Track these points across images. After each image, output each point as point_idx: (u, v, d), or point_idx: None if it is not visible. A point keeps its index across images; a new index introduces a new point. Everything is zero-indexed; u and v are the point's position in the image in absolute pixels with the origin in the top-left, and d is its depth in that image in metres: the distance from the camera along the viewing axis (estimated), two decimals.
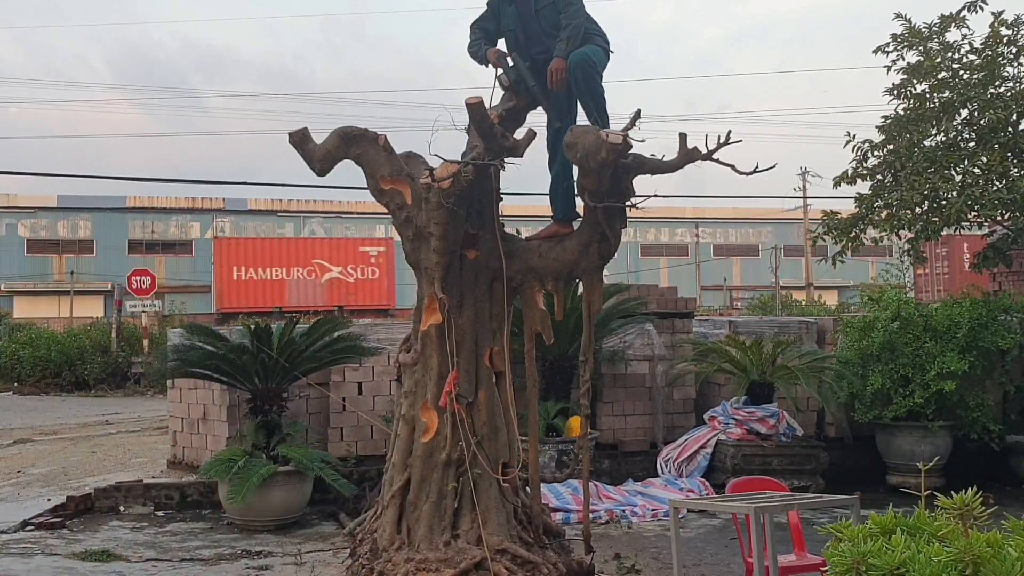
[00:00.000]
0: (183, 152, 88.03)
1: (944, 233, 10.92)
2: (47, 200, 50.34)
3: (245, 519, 8.18)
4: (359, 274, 33.78)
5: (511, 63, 5.55)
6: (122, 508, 8.95)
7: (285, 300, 32.46)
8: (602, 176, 4.96)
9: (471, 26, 5.82)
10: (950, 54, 10.52)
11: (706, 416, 10.09)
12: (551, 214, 5.76)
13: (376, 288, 34.23)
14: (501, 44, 5.80)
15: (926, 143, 10.51)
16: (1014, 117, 10.17)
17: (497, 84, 5.63)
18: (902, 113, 10.74)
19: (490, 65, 5.64)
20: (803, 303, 39.89)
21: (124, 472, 10.56)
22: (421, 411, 5.41)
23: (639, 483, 9.61)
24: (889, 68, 10.79)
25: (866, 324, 10.15)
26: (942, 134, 10.53)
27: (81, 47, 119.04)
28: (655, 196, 5.27)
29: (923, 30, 10.61)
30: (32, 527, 8.18)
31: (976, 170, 10.33)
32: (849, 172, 11.02)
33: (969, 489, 2.46)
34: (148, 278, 25.22)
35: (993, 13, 10.47)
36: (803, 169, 45.21)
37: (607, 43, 5.65)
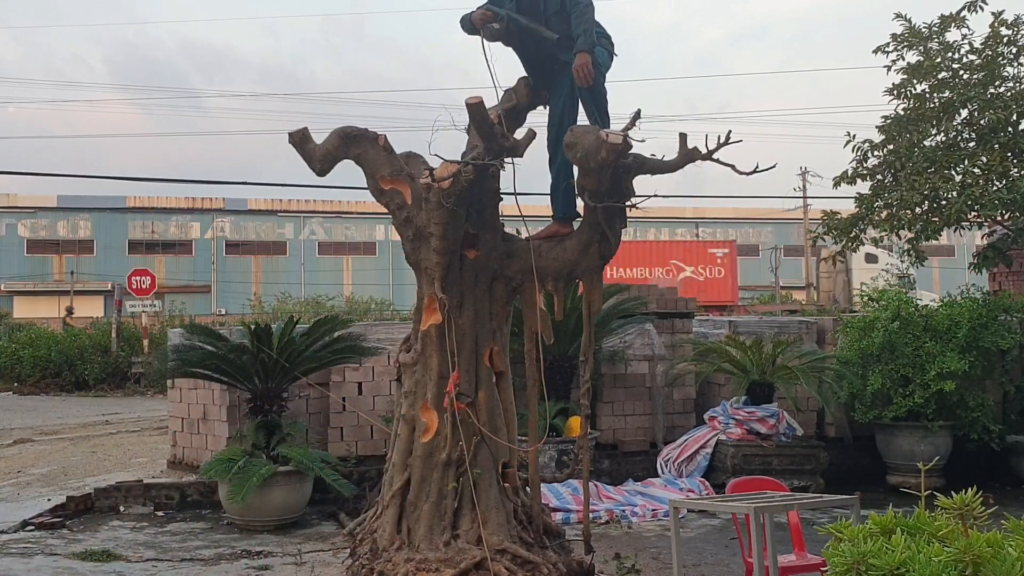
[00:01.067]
0: (183, 152, 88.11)
1: None
2: (47, 200, 50.37)
3: (245, 519, 8.18)
4: (708, 273, 36.69)
5: (499, 11, 5.51)
6: (122, 508, 8.95)
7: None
8: (602, 176, 4.96)
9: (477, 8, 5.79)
10: (950, 54, 10.52)
11: (706, 416, 10.09)
12: (551, 214, 5.76)
13: (722, 285, 37.02)
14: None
15: (926, 143, 10.51)
16: (1014, 117, 10.16)
17: (485, 37, 5.53)
18: (902, 113, 10.74)
19: (482, 41, 5.56)
20: (803, 303, 40.00)
21: (124, 472, 10.56)
22: (421, 411, 5.41)
23: (639, 483, 9.61)
24: (889, 68, 10.79)
25: (866, 324, 10.15)
26: (942, 134, 10.53)
27: (80, 47, 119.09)
28: (655, 196, 5.27)
29: (923, 30, 10.60)
30: (32, 527, 8.19)
31: (976, 170, 10.33)
32: (849, 172, 11.02)
33: (969, 489, 2.46)
34: (148, 278, 25.20)
35: (993, 13, 10.47)
36: (803, 169, 45.27)
37: (612, 45, 5.65)
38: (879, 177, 10.86)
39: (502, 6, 5.59)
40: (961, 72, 10.43)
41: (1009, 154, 10.14)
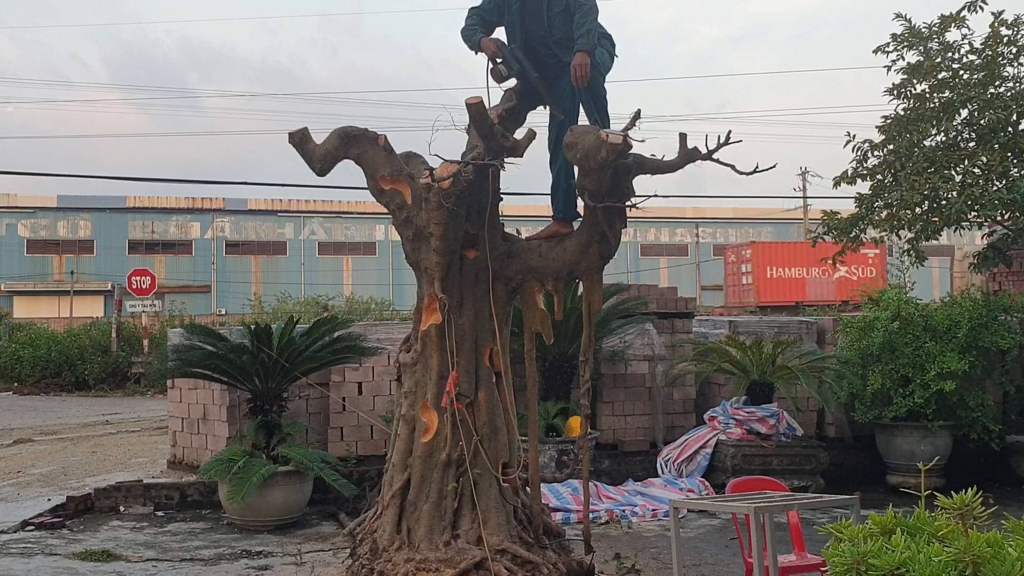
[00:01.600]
0: (182, 152, 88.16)
1: None
2: (47, 200, 50.40)
3: (245, 519, 8.18)
4: (860, 273, 37.83)
5: (513, 54, 5.49)
6: (122, 508, 8.95)
7: (805, 295, 36.98)
8: (602, 176, 4.96)
9: (470, 10, 5.72)
10: (950, 54, 10.51)
11: (706, 416, 10.09)
12: (551, 214, 5.76)
13: (873, 285, 38.11)
14: (499, 33, 5.73)
15: (926, 143, 10.51)
16: (1014, 117, 10.17)
17: (491, 76, 5.54)
18: (902, 113, 10.74)
19: (483, 54, 5.52)
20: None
21: (124, 472, 10.56)
22: (421, 411, 5.42)
23: (639, 483, 9.61)
24: (889, 68, 10.78)
25: (866, 324, 10.15)
26: (942, 134, 10.53)
27: (77, 46, 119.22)
28: (655, 196, 5.28)
29: (923, 30, 10.60)
30: (32, 527, 8.18)
31: (976, 170, 10.33)
32: (849, 172, 11.01)
33: (969, 489, 2.46)
34: (148, 278, 25.20)
35: (993, 13, 10.47)
36: (803, 169, 45.34)
37: (613, 46, 5.64)
38: (879, 177, 10.85)
39: (510, 7, 5.57)
40: (961, 72, 10.42)
41: (1009, 154, 10.13)
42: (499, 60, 5.49)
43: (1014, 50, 10.41)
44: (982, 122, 10.30)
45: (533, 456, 5.65)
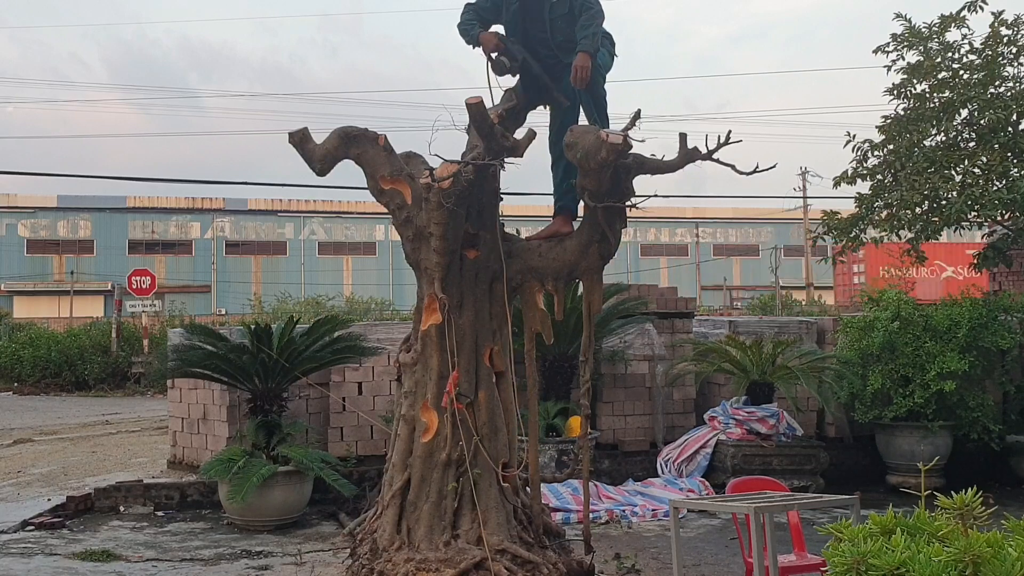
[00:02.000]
0: (182, 152, 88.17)
1: None
2: (47, 200, 50.41)
3: (245, 519, 8.18)
4: (966, 273, 39.18)
5: (515, 46, 5.45)
6: (122, 508, 8.95)
7: (915, 294, 37.78)
8: (602, 176, 4.96)
9: (466, 6, 5.67)
10: (950, 54, 10.50)
11: (706, 416, 10.09)
12: (551, 213, 5.75)
13: (979, 286, 40.09)
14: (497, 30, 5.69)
15: (926, 143, 10.50)
16: (1014, 117, 10.16)
17: (491, 70, 5.48)
18: (902, 113, 10.73)
19: (482, 49, 5.47)
20: (803, 303, 40.14)
21: (124, 472, 10.56)
22: (421, 411, 5.41)
23: (639, 483, 9.61)
24: (889, 68, 10.77)
25: (866, 324, 10.15)
26: (942, 134, 10.52)
27: (77, 46, 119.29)
28: (655, 196, 5.28)
29: (923, 30, 10.59)
30: (32, 527, 8.18)
31: (976, 170, 10.33)
32: (849, 172, 11.00)
33: (969, 489, 2.46)
34: (148, 278, 25.21)
35: (993, 13, 10.46)
36: (803, 169, 45.30)
37: (613, 46, 5.64)
38: (879, 177, 10.84)
39: (509, 7, 5.56)
40: (961, 72, 10.41)
41: (1009, 154, 10.13)
42: (498, 53, 5.45)
43: (1014, 50, 10.40)
44: (982, 122, 10.29)
45: (533, 456, 5.65)
